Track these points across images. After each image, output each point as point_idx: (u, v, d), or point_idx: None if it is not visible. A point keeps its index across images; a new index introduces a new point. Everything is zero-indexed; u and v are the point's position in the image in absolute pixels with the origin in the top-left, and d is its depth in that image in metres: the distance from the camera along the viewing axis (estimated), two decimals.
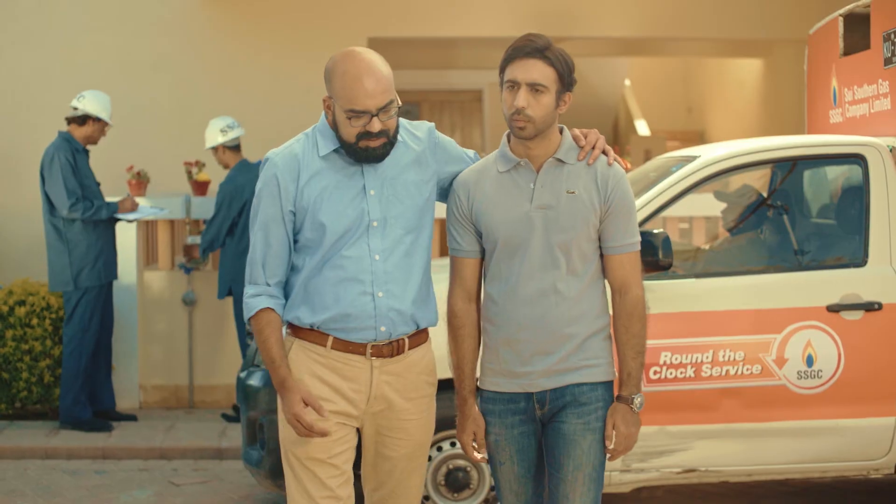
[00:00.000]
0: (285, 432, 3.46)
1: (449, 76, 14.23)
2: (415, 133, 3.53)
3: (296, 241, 3.45)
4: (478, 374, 3.57)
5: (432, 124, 3.61)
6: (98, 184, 7.48)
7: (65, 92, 9.29)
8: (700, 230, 7.82)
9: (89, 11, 9.75)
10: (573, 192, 3.41)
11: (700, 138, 16.66)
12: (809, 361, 4.97)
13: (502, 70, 3.46)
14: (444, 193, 3.62)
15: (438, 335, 3.68)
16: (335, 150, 3.41)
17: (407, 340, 3.47)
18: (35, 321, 7.57)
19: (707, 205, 6.88)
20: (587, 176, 3.44)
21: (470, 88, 14.43)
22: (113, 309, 7.59)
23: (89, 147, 7.48)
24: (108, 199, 7.52)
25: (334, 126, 3.39)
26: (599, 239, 3.47)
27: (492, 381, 3.53)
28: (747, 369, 4.94)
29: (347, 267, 3.37)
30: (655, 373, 4.89)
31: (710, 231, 7.64)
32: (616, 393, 3.49)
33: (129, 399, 8.02)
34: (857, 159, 5.19)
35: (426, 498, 5.18)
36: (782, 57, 12.60)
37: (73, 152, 7.28)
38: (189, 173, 8.38)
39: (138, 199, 7.73)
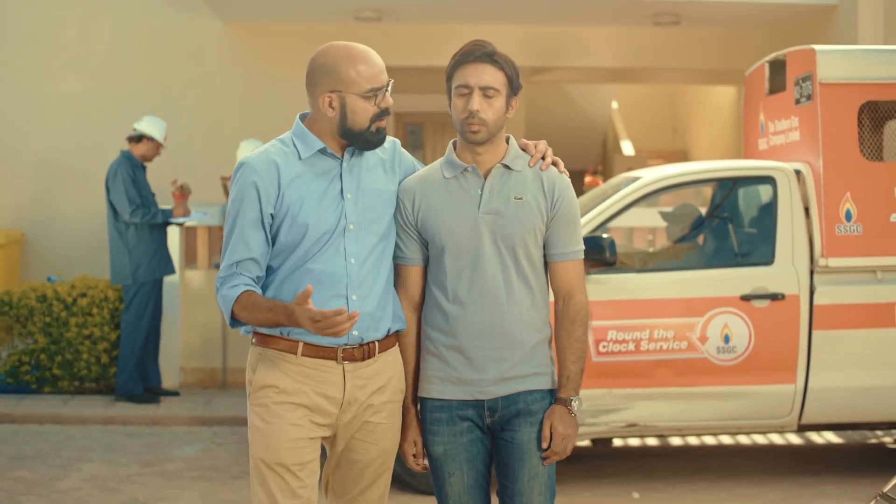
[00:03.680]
0: (254, 441, 3.38)
1: None
2: (384, 145, 3.52)
3: (273, 244, 3.37)
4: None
5: (397, 139, 3.61)
6: (153, 194, 8.75)
7: (107, 112, 10.36)
8: (661, 238, 9.07)
9: (128, 40, 10.69)
10: (520, 199, 3.40)
11: (684, 157, 17.77)
12: (726, 339, 6.14)
13: (450, 76, 3.41)
14: None
15: None
16: (315, 153, 3.37)
17: (377, 344, 3.41)
18: (95, 310, 8.86)
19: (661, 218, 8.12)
20: (534, 183, 3.43)
21: None
22: (162, 301, 8.85)
23: (146, 164, 8.77)
24: (162, 206, 8.79)
25: (342, 119, 3.33)
26: (544, 246, 3.46)
27: (438, 388, 3.46)
28: (677, 345, 6.13)
29: (324, 269, 3.32)
30: (604, 346, 6.12)
31: (661, 238, 8.85)
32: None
33: (171, 379, 9.21)
34: (769, 180, 6.46)
35: None
36: None
37: (132, 168, 8.57)
38: (224, 187, 9.51)
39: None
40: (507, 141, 3.49)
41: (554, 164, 3.50)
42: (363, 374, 3.39)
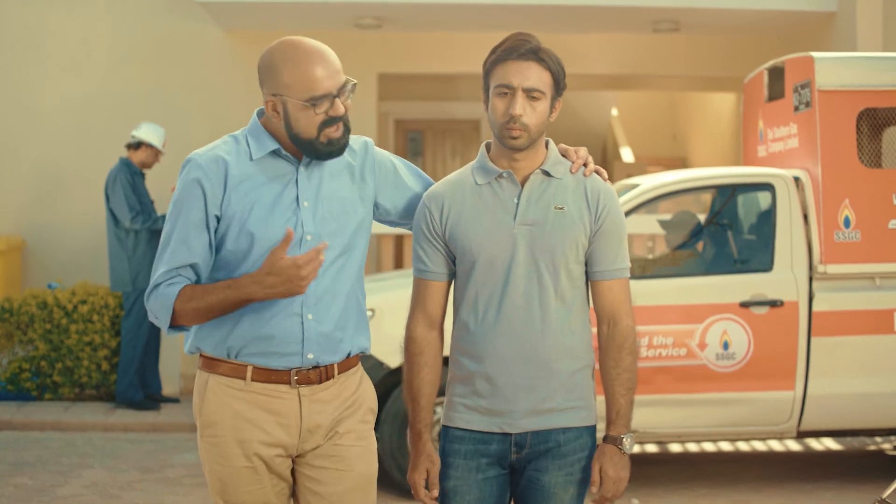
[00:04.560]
0: (211, 478, 3.08)
1: (450, 107, 15.19)
2: (351, 146, 3.13)
3: (217, 253, 3.02)
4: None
5: (370, 139, 3.22)
6: (152, 201, 8.80)
7: (108, 118, 10.36)
8: (660, 244, 9.09)
9: (129, 46, 10.69)
10: (561, 209, 3.08)
11: (683, 164, 17.80)
12: (725, 346, 6.18)
13: (489, 73, 3.08)
14: (391, 217, 3.27)
15: None
16: (269, 154, 3.02)
17: (336, 366, 3.07)
18: (95, 317, 8.89)
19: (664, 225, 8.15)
20: (576, 192, 3.11)
21: (469, 118, 15.35)
22: None
23: (145, 171, 8.81)
24: (161, 213, 8.81)
25: (287, 126, 2.97)
26: (587, 263, 3.13)
27: (462, 417, 3.15)
28: (676, 352, 6.17)
29: None
30: None
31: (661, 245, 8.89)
32: (605, 432, 3.20)
33: (171, 385, 9.27)
34: (768, 187, 6.49)
35: None
36: None
37: (131, 175, 8.62)
38: None
39: None
40: (547, 145, 3.17)
41: (597, 172, 3.19)
42: (321, 397, 3.06)
